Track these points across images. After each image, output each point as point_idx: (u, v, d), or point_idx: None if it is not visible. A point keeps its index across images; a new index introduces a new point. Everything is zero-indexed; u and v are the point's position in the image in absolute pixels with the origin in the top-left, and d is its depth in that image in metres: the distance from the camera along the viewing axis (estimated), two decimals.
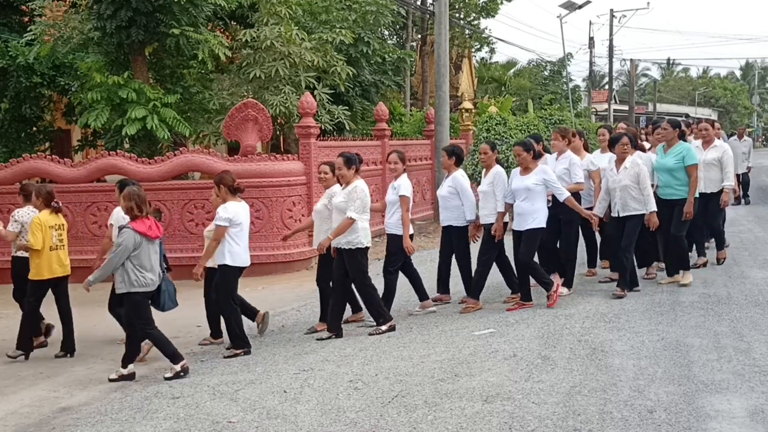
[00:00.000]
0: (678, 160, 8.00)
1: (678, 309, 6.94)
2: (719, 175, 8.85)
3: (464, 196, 7.81)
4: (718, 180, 8.86)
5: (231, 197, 7.01)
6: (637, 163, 7.70)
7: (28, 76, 15.05)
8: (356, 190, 7.05)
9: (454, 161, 7.97)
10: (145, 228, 6.21)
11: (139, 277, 6.20)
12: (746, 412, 4.47)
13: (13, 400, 6.13)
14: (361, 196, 7.04)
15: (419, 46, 28.30)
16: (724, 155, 8.88)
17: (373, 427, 4.60)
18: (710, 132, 9.13)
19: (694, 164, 7.98)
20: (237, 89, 14.62)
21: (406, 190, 7.56)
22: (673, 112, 50.24)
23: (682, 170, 7.98)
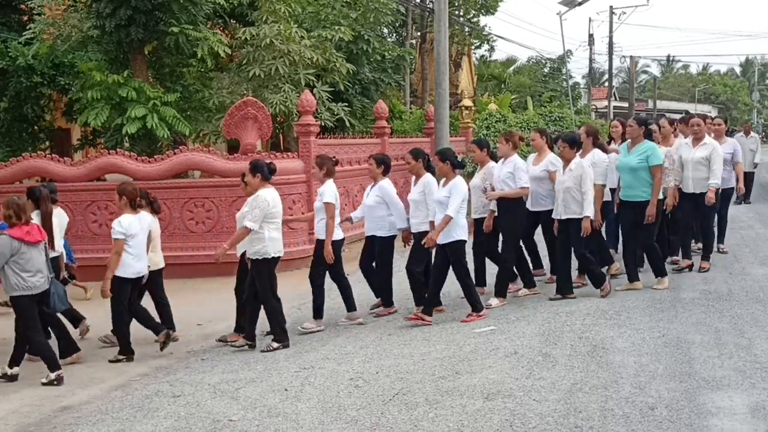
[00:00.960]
0: (641, 160, 7.59)
1: (679, 306, 6.94)
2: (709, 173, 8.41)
3: (392, 205, 7.69)
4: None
5: (128, 210, 7.12)
6: (581, 165, 7.45)
7: (28, 75, 15.04)
8: (257, 198, 6.83)
9: (381, 170, 7.80)
10: (22, 233, 6.32)
11: (20, 281, 6.32)
12: (747, 409, 4.46)
13: (13, 399, 6.12)
14: (261, 206, 6.78)
15: (419, 43, 28.27)
16: (713, 153, 8.36)
17: (374, 425, 4.60)
18: (701, 128, 8.59)
19: (658, 164, 7.57)
20: (236, 87, 14.61)
21: (329, 197, 7.38)
22: (673, 109, 50.21)
23: (645, 170, 7.56)
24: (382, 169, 7.85)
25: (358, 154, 13.71)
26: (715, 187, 8.33)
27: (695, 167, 8.38)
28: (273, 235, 6.92)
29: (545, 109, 21.21)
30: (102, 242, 11.49)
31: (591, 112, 35.43)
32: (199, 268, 10.79)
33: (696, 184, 8.40)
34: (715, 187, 8.34)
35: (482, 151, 8.01)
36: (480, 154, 8.00)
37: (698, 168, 8.38)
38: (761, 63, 77.78)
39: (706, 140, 8.52)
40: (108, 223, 11.71)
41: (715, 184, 8.33)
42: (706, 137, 8.57)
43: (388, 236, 7.74)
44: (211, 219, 11.43)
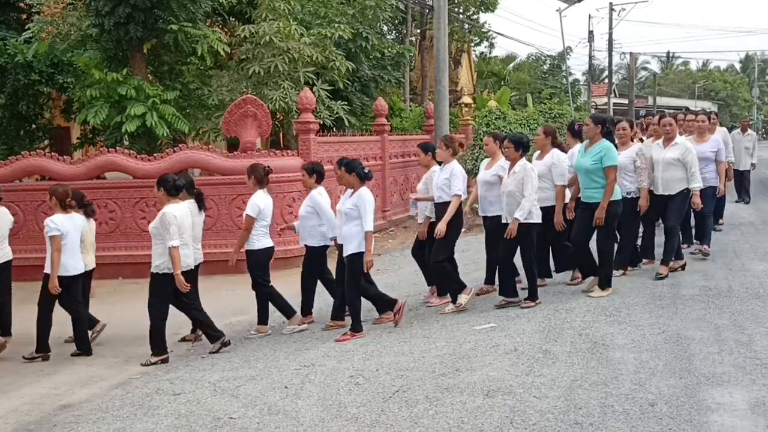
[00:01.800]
0: (596, 161, 7.25)
1: (679, 302, 6.93)
2: (681, 174, 7.99)
3: (323, 214, 7.62)
4: (681, 180, 8.00)
5: (59, 210, 7.36)
6: (525, 168, 7.15)
7: (27, 73, 15.03)
8: (164, 216, 6.74)
9: (314, 179, 7.72)
10: None
11: None
12: (747, 405, 4.47)
13: (13, 398, 6.13)
14: (171, 222, 6.70)
15: (418, 40, 28.26)
16: (687, 154, 7.97)
17: (375, 422, 4.60)
18: (673, 128, 8.18)
19: (613, 165, 7.20)
20: (236, 85, 14.59)
21: (250, 209, 7.42)
22: (673, 106, 50.21)
23: (600, 171, 7.23)
24: (315, 178, 7.73)
25: (358, 151, 13.71)
26: (698, 190, 8.05)
27: (666, 168, 8.03)
28: (183, 252, 6.92)
29: (545, 106, 21.18)
30: (101, 240, 11.50)
31: (591, 109, 35.42)
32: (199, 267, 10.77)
33: (666, 185, 8.05)
34: (698, 190, 8.06)
35: (426, 155, 7.97)
36: (425, 158, 7.98)
37: (668, 168, 8.02)
38: (761, 59, 77.77)
39: (677, 140, 8.15)
40: (108, 221, 11.76)
41: (698, 187, 8.05)
42: (677, 137, 8.20)
43: (319, 246, 7.71)
44: (211, 217, 11.41)
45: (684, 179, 8.02)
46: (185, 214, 6.98)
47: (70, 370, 6.85)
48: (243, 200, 11.26)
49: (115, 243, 11.60)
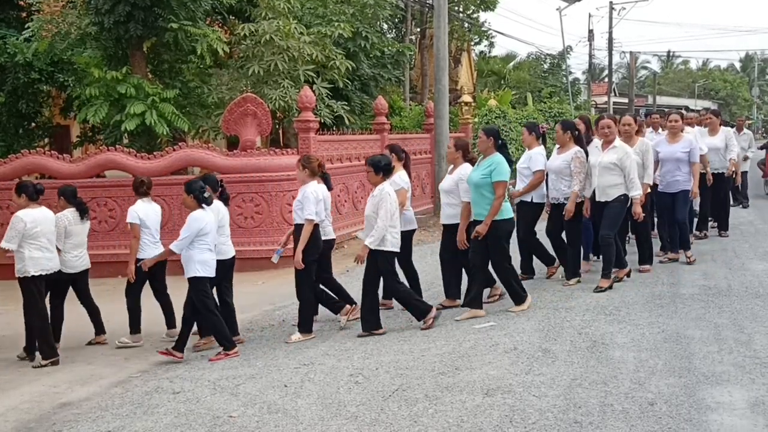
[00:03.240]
0: (485, 175, 6.84)
1: (678, 301, 6.94)
2: (619, 179, 7.58)
3: None
4: (618, 186, 7.59)
5: None
6: (382, 191, 6.78)
7: (26, 72, 15.02)
8: (14, 219, 6.91)
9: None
10: None
11: None
12: (747, 404, 4.47)
13: (13, 396, 6.13)
14: (17, 227, 6.86)
15: (418, 39, 28.24)
16: (626, 159, 7.53)
17: (374, 421, 4.60)
18: (611, 131, 7.76)
19: (501, 180, 6.78)
20: (236, 84, 14.59)
21: (131, 217, 7.43)
22: (673, 105, 50.20)
23: (489, 186, 6.81)
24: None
25: (357, 150, 13.70)
26: (638, 198, 7.60)
27: (602, 172, 7.62)
28: (34, 255, 6.96)
29: (545, 105, 21.20)
30: (101, 239, 11.52)
31: (591, 107, 35.42)
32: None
33: (602, 192, 7.64)
34: (637, 198, 7.60)
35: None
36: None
37: (605, 173, 7.60)
38: (761, 59, 77.73)
39: (616, 143, 7.68)
40: (108, 220, 11.76)
41: (637, 195, 7.60)
42: (616, 140, 7.73)
43: None
44: None
45: (622, 185, 7.59)
46: (43, 219, 7.07)
47: (70, 369, 6.85)
48: (242, 199, 11.28)
49: (115, 241, 11.60)
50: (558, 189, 7.98)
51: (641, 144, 8.29)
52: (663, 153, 8.82)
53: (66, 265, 7.41)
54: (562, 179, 7.89)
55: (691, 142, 8.91)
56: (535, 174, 8.03)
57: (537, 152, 8.15)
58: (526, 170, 8.17)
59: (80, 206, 7.63)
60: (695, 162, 8.85)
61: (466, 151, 7.66)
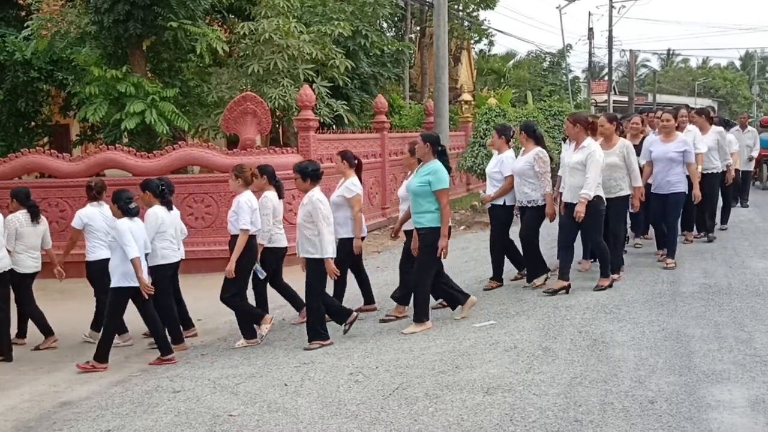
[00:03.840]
0: (423, 183, 6.61)
1: (678, 299, 6.93)
2: None
3: None
4: None
5: None
6: (311, 200, 6.60)
7: (26, 70, 15.02)
8: None
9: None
10: None
11: None
12: (747, 402, 4.46)
13: (13, 395, 6.13)
14: None
15: (418, 38, 28.22)
16: (589, 158, 7.22)
17: (374, 420, 4.60)
18: (605, 128, 7.63)
19: (443, 189, 6.56)
20: (235, 83, 14.59)
21: (75, 222, 7.52)
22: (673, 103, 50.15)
23: (429, 195, 6.57)
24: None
25: (357, 149, 13.69)
26: (586, 198, 7.17)
27: (571, 173, 7.41)
28: None
29: (545, 104, 21.17)
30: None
31: (591, 106, 35.42)
32: (199, 264, 10.79)
33: (572, 193, 7.39)
34: (586, 198, 7.17)
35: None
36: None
37: (575, 174, 7.36)
38: (761, 57, 77.66)
39: (586, 143, 7.38)
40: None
41: (586, 195, 7.18)
42: (586, 140, 7.40)
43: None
44: (210, 214, 11.43)
45: None
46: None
47: (70, 368, 6.85)
48: None
49: None
50: (521, 192, 7.76)
51: (621, 145, 7.81)
52: (656, 153, 8.53)
53: (20, 265, 7.44)
54: (526, 181, 7.68)
55: (685, 141, 8.55)
56: (506, 179, 7.88)
57: (508, 156, 8.00)
58: (497, 174, 8.00)
59: (32, 209, 7.63)
60: (691, 162, 8.51)
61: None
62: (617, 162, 7.70)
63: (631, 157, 7.80)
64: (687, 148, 8.45)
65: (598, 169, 7.25)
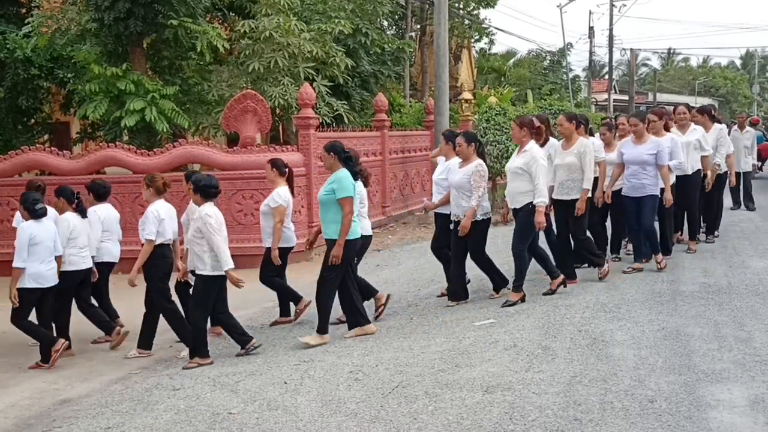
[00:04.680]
0: (328, 192, 6.48)
1: (678, 299, 6.93)
2: (527, 186, 7.04)
3: None
4: (526, 193, 7.06)
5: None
6: (201, 216, 6.44)
7: (26, 68, 15.02)
8: None
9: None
10: None
11: None
12: (747, 402, 4.46)
13: (13, 393, 6.13)
14: None
15: (418, 36, 28.21)
16: (533, 164, 6.98)
17: (374, 418, 4.60)
18: (564, 128, 7.44)
19: (346, 197, 6.38)
20: (236, 81, 14.59)
21: None
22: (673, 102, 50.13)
23: (334, 204, 6.44)
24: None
25: (358, 147, 13.68)
26: (541, 205, 7.01)
27: (512, 177, 7.21)
28: None
29: (545, 102, 21.17)
30: None
31: (591, 105, 35.41)
32: None
33: (512, 199, 7.23)
34: (542, 205, 7.02)
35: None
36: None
37: (514, 179, 7.17)
38: (761, 56, 77.64)
39: (527, 147, 7.18)
40: None
41: (541, 203, 7.01)
42: (528, 144, 7.18)
43: None
44: None
45: (530, 192, 7.06)
46: None
47: (70, 366, 6.86)
48: (242, 195, 11.28)
49: None
50: (458, 205, 7.33)
51: (579, 145, 7.56)
52: (627, 155, 8.15)
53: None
54: (464, 194, 7.27)
55: (658, 143, 8.09)
56: None
57: (455, 163, 7.65)
58: (443, 181, 7.72)
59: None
60: (663, 165, 8.04)
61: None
62: (575, 162, 7.53)
63: (587, 157, 7.54)
64: (660, 149, 8.06)
65: (544, 173, 7.06)
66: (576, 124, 7.78)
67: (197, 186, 6.55)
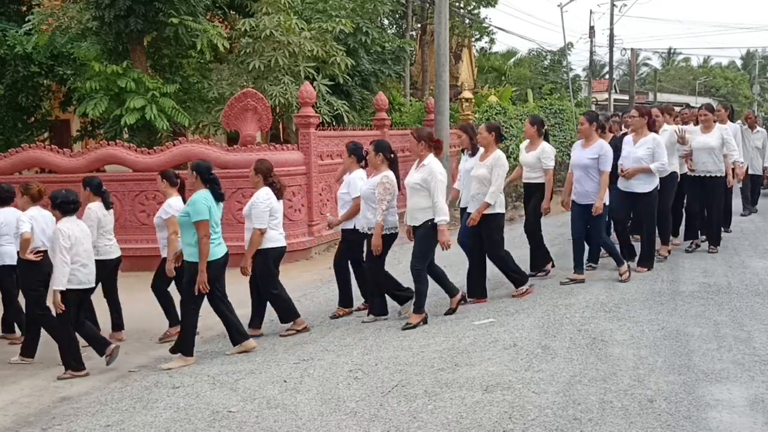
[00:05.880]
0: (184, 214, 6.45)
1: (678, 298, 6.94)
2: (427, 202, 6.74)
3: None
4: (424, 209, 6.75)
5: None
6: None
7: (26, 65, 15.02)
8: None
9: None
10: None
11: None
12: (746, 401, 4.47)
13: (13, 390, 6.13)
14: None
15: (419, 35, 28.20)
16: (431, 179, 6.65)
17: (373, 417, 4.60)
18: (419, 147, 6.88)
19: (198, 221, 6.23)
20: (236, 79, 14.58)
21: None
22: (674, 102, 50.12)
23: (191, 227, 6.32)
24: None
25: None
26: (443, 224, 6.73)
27: (411, 193, 6.89)
28: None
29: (545, 102, 21.18)
30: None
31: (591, 104, 35.38)
32: None
33: (411, 216, 6.91)
34: (444, 224, 6.73)
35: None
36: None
37: (413, 195, 6.85)
38: (762, 56, 77.59)
39: (426, 161, 6.84)
40: None
41: (442, 221, 6.71)
42: (427, 158, 6.83)
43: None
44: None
45: (429, 209, 6.68)
46: None
47: None
48: (243, 194, 11.26)
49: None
50: (365, 217, 7.11)
51: (493, 158, 7.25)
52: (572, 159, 7.86)
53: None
54: (370, 206, 7.03)
55: (602, 147, 7.62)
56: (354, 200, 7.34)
57: (356, 176, 7.46)
58: (345, 195, 7.50)
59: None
60: (604, 170, 7.55)
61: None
62: (486, 175, 7.20)
63: (497, 170, 7.16)
64: (602, 154, 7.57)
65: (443, 189, 6.72)
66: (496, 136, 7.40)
67: (54, 203, 6.41)
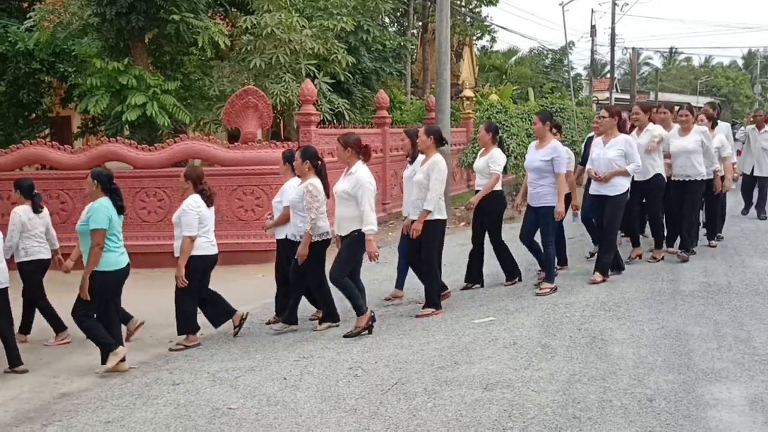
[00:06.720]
0: (84, 222, 6.28)
1: (678, 298, 6.94)
2: (353, 212, 6.61)
3: None
4: (352, 219, 6.63)
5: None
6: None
7: (27, 61, 15.00)
8: None
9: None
10: None
11: None
12: (746, 401, 4.47)
13: (13, 386, 6.14)
14: None
15: (420, 33, 28.20)
16: (358, 188, 6.52)
17: (373, 414, 4.61)
18: (346, 153, 6.78)
19: (94, 229, 6.08)
20: (237, 77, 14.58)
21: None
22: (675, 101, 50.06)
23: (89, 235, 6.17)
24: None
25: None
26: (371, 234, 6.59)
27: (338, 202, 6.76)
28: None
29: (546, 101, 21.16)
30: None
31: (592, 103, 35.36)
32: None
33: (338, 226, 6.84)
34: (372, 234, 6.59)
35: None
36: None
37: (341, 204, 6.72)
38: (763, 55, 77.52)
39: (353, 168, 6.78)
40: None
41: (370, 231, 6.58)
42: (355, 165, 6.76)
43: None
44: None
45: (356, 218, 6.55)
46: None
47: (69, 359, 6.86)
48: (243, 191, 11.28)
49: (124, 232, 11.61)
50: (294, 225, 7.00)
51: (431, 163, 6.98)
52: (526, 161, 7.77)
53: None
54: (298, 214, 6.93)
55: (555, 149, 7.45)
56: (285, 208, 7.21)
57: (290, 185, 7.27)
58: (279, 204, 7.37)
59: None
60: (559, 173, 7.42)
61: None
62: (423, 181, 6.95)
63: (435, 175, 6.88)
64: (556, 156, 7.43)
65: (370, 198, 6.57)
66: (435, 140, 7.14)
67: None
